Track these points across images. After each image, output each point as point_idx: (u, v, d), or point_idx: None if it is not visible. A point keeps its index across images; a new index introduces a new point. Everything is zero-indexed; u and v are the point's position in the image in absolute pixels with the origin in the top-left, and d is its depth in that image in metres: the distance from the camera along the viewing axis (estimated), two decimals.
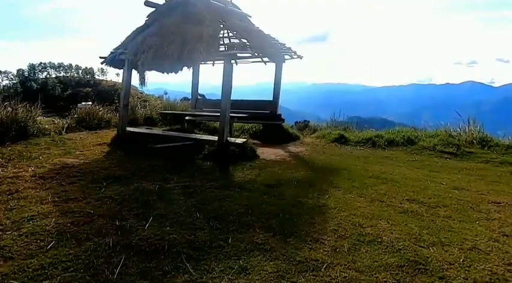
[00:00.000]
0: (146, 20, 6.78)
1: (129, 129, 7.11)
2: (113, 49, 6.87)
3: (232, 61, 9.09)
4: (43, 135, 7.19)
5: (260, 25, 7.10)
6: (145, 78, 6.44)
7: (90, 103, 12.46)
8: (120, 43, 6.88)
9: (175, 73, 5.86)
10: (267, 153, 6.67)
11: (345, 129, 9.64)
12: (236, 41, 6.13)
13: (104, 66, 7.20)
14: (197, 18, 6.08)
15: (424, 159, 6.43)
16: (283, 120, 8.35)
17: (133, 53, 6.28)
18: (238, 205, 3.55)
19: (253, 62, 9.06)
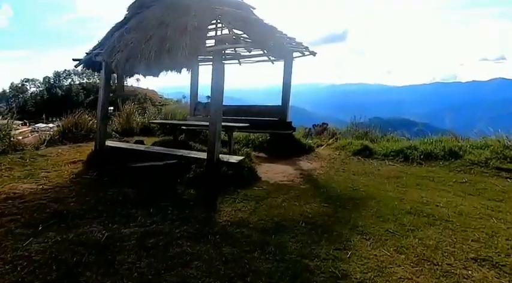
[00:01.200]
0: (126, 13, 5.70)
1: (109, 143, 6.02)
2: (91, 49, 5.82)
3: (235, 61, 7.94)
4: (15, 151, 6.25)
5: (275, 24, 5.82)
6: (125, 82, 5.34)
7: (111, 108, 12.08)
8: (98, 42, 5.82)
9: (154, 76, 4.72)
10: (271, 171, 5.39)
11: (367, 133, 8.36)
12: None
13: (82, 69, 6.15)
14: (182, 7, 4.92)
15: (476, 180, 4.94)
16: (293, 129, 7.04)
17: (108, 53, 5.19)
18: (208, 276, 2.30)
19: (257, 61, 7.84)
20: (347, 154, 6.71)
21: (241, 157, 4.75)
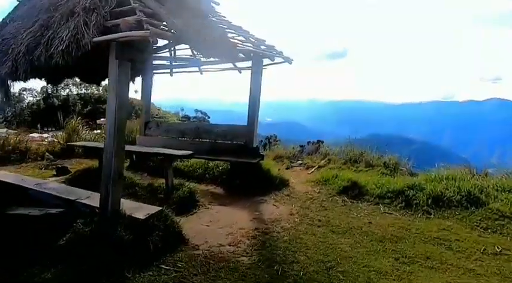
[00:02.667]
0: None
1: None
2: None
3: (191, 69, 6.40)
4: None
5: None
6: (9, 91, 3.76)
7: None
8: None
9: (24, 81, 3.14)
10: (216, 223, 3.75)
11: (362, 154, 6.99)
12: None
13: None
14: None
15: None
16: (261, 157, 5.41)
17: None
18: None
19: (224, 69, 6.32)
20: (330, 192, 5.04)
21: (154, 211, 3.08)
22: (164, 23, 2.96)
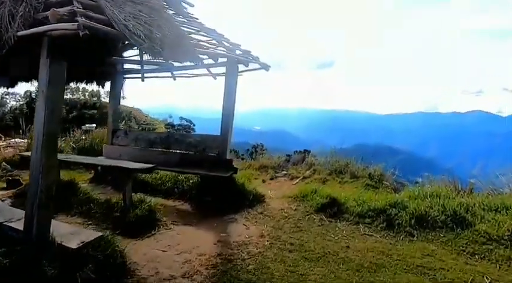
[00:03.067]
0: None
1: None
2: None
3: (167, 74, 6.01)
4: None
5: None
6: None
7: (94, 125, 11.96)
8: None
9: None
10: (172, 249, 3.29)
11: (347, 164, 6.93)
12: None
13: None
14: None
15: (506, 279, 2.95)
16: (234, 170, 4.98)
17: None
18: None
19: (197, 75, 5.94)
20: (307, 210, 4.65)
21: (93, 237, 2.60)
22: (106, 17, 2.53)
